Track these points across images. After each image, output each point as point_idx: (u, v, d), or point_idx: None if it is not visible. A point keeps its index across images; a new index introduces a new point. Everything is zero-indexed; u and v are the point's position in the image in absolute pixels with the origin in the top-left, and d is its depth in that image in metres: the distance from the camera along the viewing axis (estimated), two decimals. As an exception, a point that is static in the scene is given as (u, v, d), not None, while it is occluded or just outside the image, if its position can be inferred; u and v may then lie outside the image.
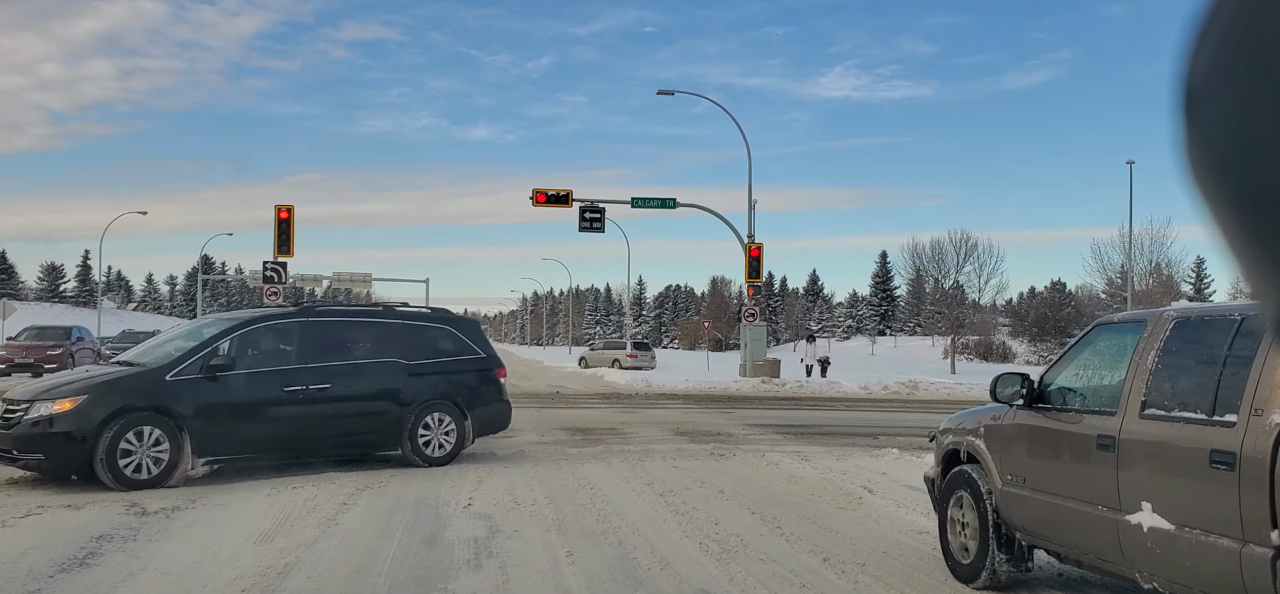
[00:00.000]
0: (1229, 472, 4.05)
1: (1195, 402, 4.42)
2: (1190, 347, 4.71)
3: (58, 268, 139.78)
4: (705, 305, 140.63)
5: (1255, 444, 3.95)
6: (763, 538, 7.23)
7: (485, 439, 13.61)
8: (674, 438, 14.26)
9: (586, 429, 15.30)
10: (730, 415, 18.70)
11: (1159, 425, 4.55)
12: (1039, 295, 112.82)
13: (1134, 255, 49.55)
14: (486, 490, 9.18)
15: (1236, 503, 3.99)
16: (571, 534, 7.27)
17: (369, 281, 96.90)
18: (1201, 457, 4.21)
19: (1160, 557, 4.43)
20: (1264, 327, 0.60)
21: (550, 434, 14.47)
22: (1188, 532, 4.25)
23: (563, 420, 16.86)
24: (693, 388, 27.74)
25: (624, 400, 23.01)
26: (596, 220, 32.13)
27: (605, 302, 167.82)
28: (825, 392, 27.45)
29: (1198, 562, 4.20)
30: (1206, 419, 4.28)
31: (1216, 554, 4.08)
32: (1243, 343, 4.29)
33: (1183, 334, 4.77)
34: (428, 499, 8.75)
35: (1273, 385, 4.02)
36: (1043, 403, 5.53)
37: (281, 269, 31.44)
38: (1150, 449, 4.57)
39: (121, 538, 6.92)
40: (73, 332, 29.89)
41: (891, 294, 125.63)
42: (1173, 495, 4.40)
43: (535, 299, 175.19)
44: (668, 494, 9.06)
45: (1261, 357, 4.13)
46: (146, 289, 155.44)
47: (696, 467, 11.05)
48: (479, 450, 12.41)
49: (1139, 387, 4.75)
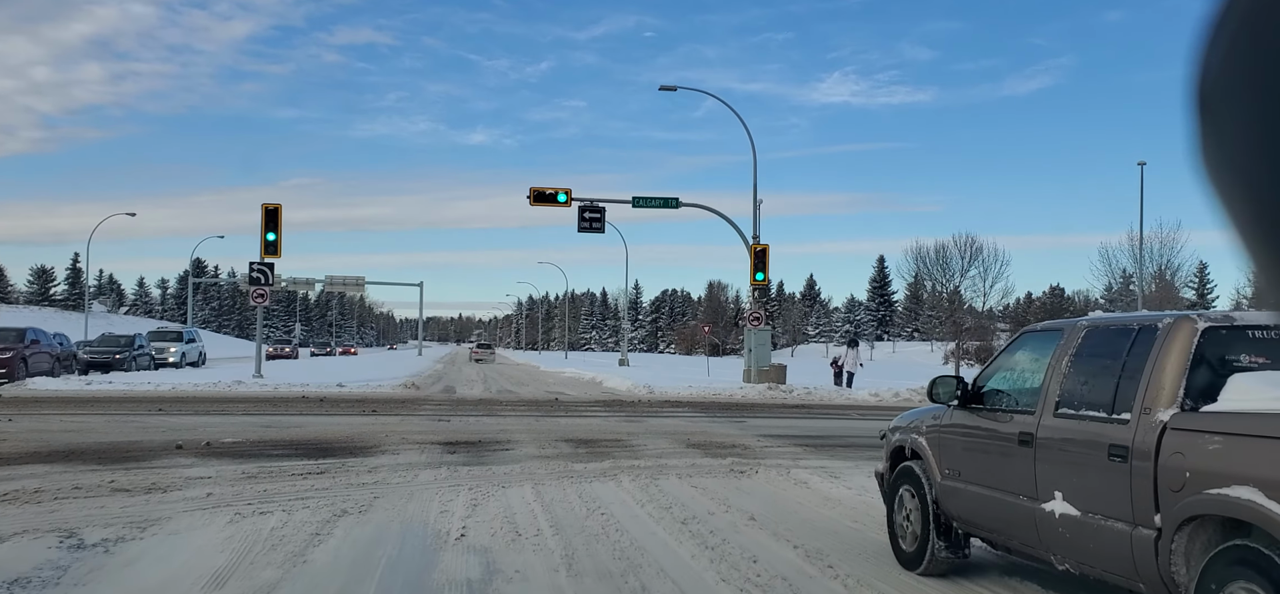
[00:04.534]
0: (1123, 464, 4.46)
1: (1099, 402, 4.80)
2: (1097, 353, 5.06)
3: (48, 271, 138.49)
4: (702, 310, 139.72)
5: (1144, 439, 4.37)
6: (814, 582, 6.06)
7: (481, 453, 12.42)
8: (686, 450, 13.08)
9: (590, 440, 14.12)
10: (741, 425, 17.53)
11: (1069, 423, 4.95)
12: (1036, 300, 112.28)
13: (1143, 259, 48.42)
14: (482, 517, 8.00)
15: (1129, 491, 4.41)
16: (584, 576, 6.09)
17: (362, 285, 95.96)
18: (1102, 451, 4.61)
19: (1069, 540, 4.84)
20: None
21: (551, 446, 13.29)
22: (1091, 517, 4.67)
23: (564, 430, 15.68)
24: (696, 394, 26.57)
25: (626, 408, 21.83)
26: (596, 220, 30.95)
27: (601, 306, 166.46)
28: (835, 399, 26.28)
29: (1099, 544, 4.63)
30: (1107, 417, 4.68)
31: (1113, 537, 4.50)
32: (1139, 349, 4.68)
33: (1092, 342, 5.16)
34: (414, 528, 7.57)
35: (1160, 387, 4.43)
36: (976, 403, 5.98)
37: (268, 270, 30.19)
38: (1062, 444, 4.98)
39: (41, 583, 5.72)
40: (27, 333, 28.64)
41: (889, 299, 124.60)
42: (1079, 485, 4.79)
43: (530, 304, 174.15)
44: (691, 521, 7.89)
45: (1152, 361, 4.53)
46: (138, 292, 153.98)
47: (717, 485, 9.88)
48: (473, 464, 11.23)
49: (1054, 388, 5.17)
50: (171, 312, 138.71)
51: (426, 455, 12.05)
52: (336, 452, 12.26)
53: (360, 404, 20.95)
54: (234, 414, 17.89)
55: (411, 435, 14.32)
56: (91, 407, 18.72)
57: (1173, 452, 4.24)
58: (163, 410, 18.16)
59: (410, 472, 10.53)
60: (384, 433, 14.57)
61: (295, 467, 10.77)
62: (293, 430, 14.82)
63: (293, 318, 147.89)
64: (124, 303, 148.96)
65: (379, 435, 14.17)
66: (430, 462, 11.43)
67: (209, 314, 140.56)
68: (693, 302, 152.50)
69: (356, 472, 10.46)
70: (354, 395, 23.74)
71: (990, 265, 61.82)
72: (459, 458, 11.86)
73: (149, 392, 23.19)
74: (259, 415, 17.65)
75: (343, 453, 12.14)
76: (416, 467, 10.95)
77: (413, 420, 17.18)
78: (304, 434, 14.27)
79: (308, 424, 15.89)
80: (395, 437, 14.09)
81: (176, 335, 42.25)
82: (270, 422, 16.30)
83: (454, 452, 12.46)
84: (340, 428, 15.27)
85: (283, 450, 12.36)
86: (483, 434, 14.84)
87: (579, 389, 30.85)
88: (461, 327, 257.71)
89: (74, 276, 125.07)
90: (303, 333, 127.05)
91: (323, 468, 10.73)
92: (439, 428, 15.72)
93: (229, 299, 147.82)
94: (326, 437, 13.98)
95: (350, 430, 14.87)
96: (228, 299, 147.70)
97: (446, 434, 14.68)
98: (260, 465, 10.83)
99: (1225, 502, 3.90)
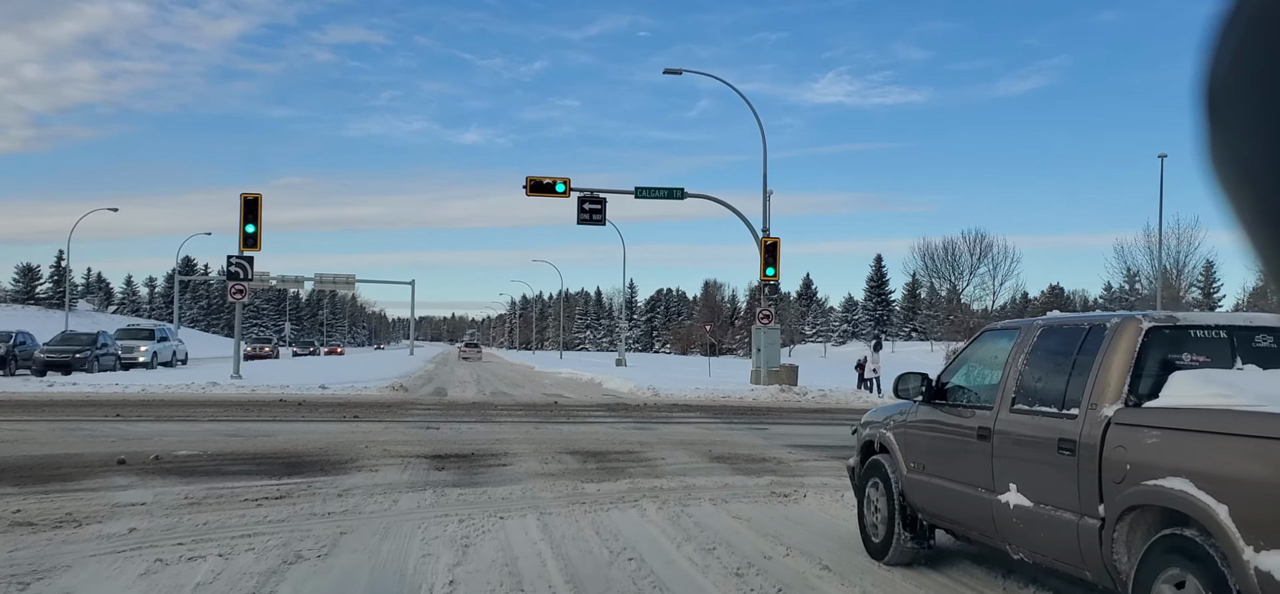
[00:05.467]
0: (1071, 457, 4.65)
1: (1051, 398, 5.00)
2: (1051, 351, 5.22)
3: (34, 269, 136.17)
4: (698, 309, 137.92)
5: (1090, 433, 4.57)
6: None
7: (474, 469, 10.67)
8: (711, 466, 11.34)
9: (599, 453, 12.37)
10: (764, 433, 15.78)
11: (1023, 418, 5.16)
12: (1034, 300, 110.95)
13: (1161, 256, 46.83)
14: (475, 562, 6.25)
15: (1076, 483, 4.60)
16: (619, 666, 4.34)
17: (352, 283, 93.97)
18: (1052, 444, 4.81)
19: (1022, 530, 5.06)
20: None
21: (555, 460, 11.53)
22: (1042, 508, 4.88)
23: (567, 440, 13.92)
24: (705, 397, 24.82)
25: (633, 412, 20.05)
26: (596, 211, 29.16)
27: (595, 305, 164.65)
28: (853, 403, 24.54)
29: (1049, 533, 4.83)
30: (1057, 413, 4.88)
31: (1062, 526, 4.70)
32: (1088, 348, 4.88)
33: (1046, 340, 5.32)
34: (387, 579, 5.81)
35: (1106, 384, 4.62)
36: (939, 399, 6.14)
37: (247, 264, 28.30)
38: (1016, 438, 5.17)
39: None
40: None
41: (887, 299, 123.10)
42: (1032, 477, 5.00)
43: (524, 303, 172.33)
44: (746, 571, 6.13)
45: (1099, 359, 4.73)
46: (125, 291, 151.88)
47: (762, 515, 8.14)
48: (465, 485, 9.47)
49: (1011, 385, 5.36)
50: (160, 310, 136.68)
51: (410, 473, 10.29)
52: (305, 468, 10.49)
53: (342, 408, 19.15)
54: (200, 420, 16.09)
55: (394, 446, 12.56)
56: (40, 411, 16.89)
57: (1115, 445, 4.38)
58: (120, 416, 16.35)
59: (389, 495, 8.78)
60: (363, 443, 12.80)
61: (252, 488, 9.00)
62: (260, 441, 13.03)
63: (283, 317, 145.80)
64: (112, 302, 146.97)
65: (357, 447, 12.39)
66: (414, 481, 9.66)
67: (197, 313, 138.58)
68: (688, 301, 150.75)
69: (324, 495, 8.70)
70: (336, 399, 21.94)
71: (999, 262, 60.17)
72: (448, 476, 10.11)
73: (113, 394, 21.36)
74: (227, 422, 15.86)
75: (312, 470, 10.37)
76: (397, 489, 9.19)
77: (397, 428, 15.40)
78: (272, 446, 12.49)
79: (278, 433, 14.10)
80: (376, 448, 12.32)
81: (148, 333, 39.71)
82: (237, 430, 14.51)
83: (442, 468, 10.70)
84: (314, 438, 13.49)
85: (243, 466, 10.59)
86: (476, 445, 13.07)
87: (578, 391, 29.09)
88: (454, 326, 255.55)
89: (60, 275, 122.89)
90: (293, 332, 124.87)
91: (284, 490, 8.96)
92: (426, 437, 13.95)
93: (218, 298, 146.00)
94: (297, 449, 12.20)
95: (325, 440, 13.09)
96: (217, 298, 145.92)
97: (435, 445, 12.91)
98: (210, 487, 9.06)
99: (1161, 492, 4.04)
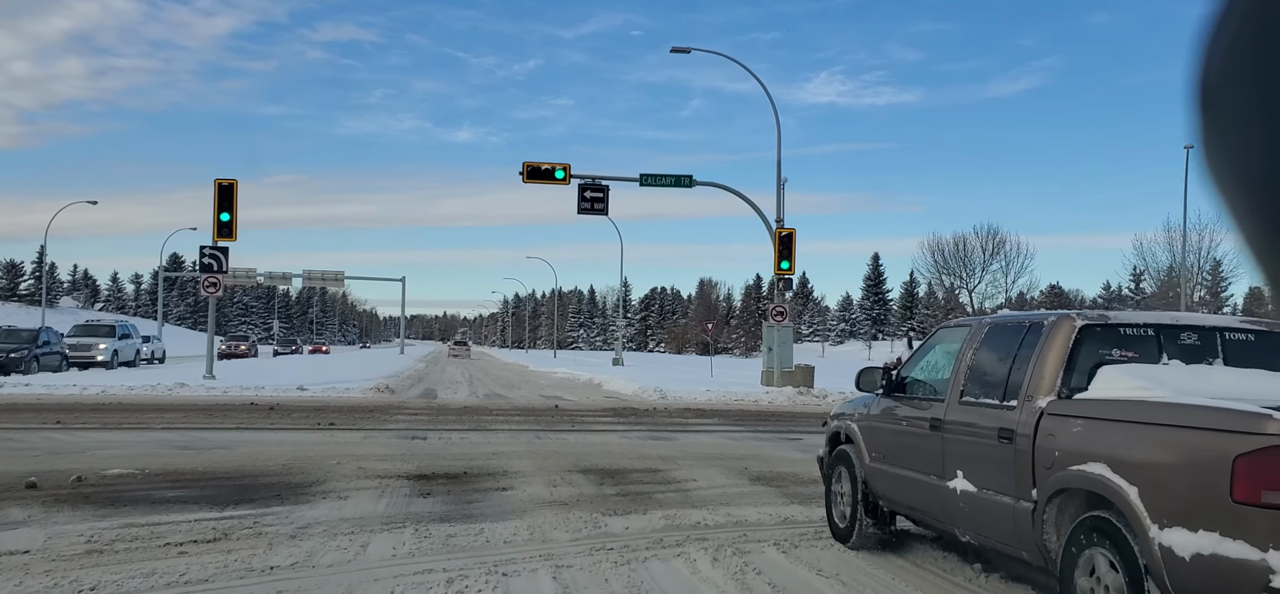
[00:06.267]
0: (1010, 445, 4.96)
1: (994, 390, 5.31)
2: (996, 347, 5.55)
3: (17, 266, 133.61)
4: (693, 308, 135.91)
5: (1026, 423, 4.88)
6: None
7: (467, 494, 8.68)
8: (755, 490, 9.36)
9: (617, 471, 10.39)
10: (799, 444, 13.80)
11: (970, 410, 5.49)
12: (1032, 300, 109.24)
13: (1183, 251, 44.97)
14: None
15: (1013, 469, 4.92)
16: None
17: (341, 280, 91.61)
18: (994, 434, 5.13)
19: (968, 514, 5.38)
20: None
21: (564, 481, 9.55)
22: (985, 493, 5.19)
23: (576, 453, 11.93)
24: (717, 400, 22.85)
25: (643, 418, 18.04)
26: (598, 200, 27.12)
27: (589, 304, 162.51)
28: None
29: (991, 516, 5.15)
30: (998, 404, 5.20)
31: (1001, 510, 5.02)
32: (1028, 344, 5.17)
33: (992, 337, 5.68)
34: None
35: (1041, 378, 4.92)
36: (898, 392, 6.54)
37: (222, 255, 26.20)
38: (964, 428, 5.50)
39: None
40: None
41: (884, 298, 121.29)
42: (976, 465, 5.31)
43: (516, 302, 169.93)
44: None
45: (1036, 354, 5.02)
46: (111, 288, 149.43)
47: (858, 574, 6.16)
48: (456, 518, 7.49)
49: (960, 378, 5.71)
50: (145, 307, 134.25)
51: (387, 500, 8.30)
52: (258, 494, 8.49)
53: (318, 413, 17.11)
54: (153, 428, 14.06)
55: (372, 462, 10.56)
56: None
57: (1047, 434, 4.72)
58: (62, 424, 14.31)
59: (357, 536, 6.78)
60: (336, 458, 10.80)
61: (181, 526, 7.01)
62: (214, 455, 11.01)
63: (272, 315, 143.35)
64: (98, 298, 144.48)
65: (328, 463, 10.40)
66: (391, 514, 7.67)
67: (184, 310, 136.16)
68: (683, 300, 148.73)
69: (272, 537, 6.70)
70: (314, 402, 19.90)
71: (1012, 259, 58.32)
72: (434, 506, 8.11)
73: (66, 398, 19.29)
74: (184, 430, 13.84)
75: (266, 496, 8.36)
76: (368, 525, 7.20)
77: (378, 438, 13.39)
78: (226, 462, 10.47)
79: (239, 445, 12.07)
80: (349, 465, 10.33)
81: (108, 330, 36.14)
82: (192, 441, 12.49)
83: (427, 494, 8.70)
84: (279, 451, 11.47)
85: (182, 491, 8.58)
86: (469, 460, 11.08)
87: (578, 393, 27.07)
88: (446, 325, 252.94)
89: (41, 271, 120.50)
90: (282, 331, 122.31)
91: (223, 528, 6.96)
92: (411, 450, 11.94)
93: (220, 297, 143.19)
94: (255, 466, 10.20)
95: (291, 454, 11.08)
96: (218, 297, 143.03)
97: (420, 460, 10.91)
98: (127, 523, 7.05)
99: (1082, 476, 4.37)
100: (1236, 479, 3.64)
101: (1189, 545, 3.77)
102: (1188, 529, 3.79)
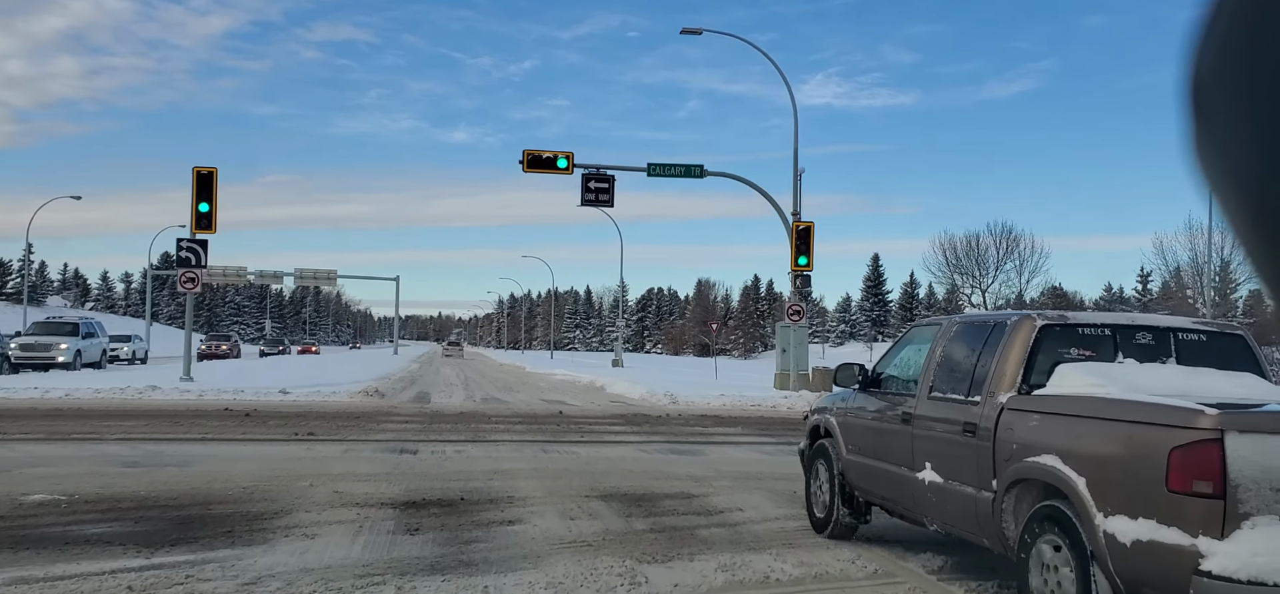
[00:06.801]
0: (973, 438, 5.22)
1: (959, 386, 5.57)
2: (963, 344, 5.78)
3: (4, 264, 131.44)
4: (690, 309, 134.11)
5: (988, 417, 5.13)
6: None
7: (464, 530, 6.97)
8: (815, 522, 7.66)
9: (644, 497, 8.69)
10: (841, 459, 12.10)
11: (938, 404, 5.74)
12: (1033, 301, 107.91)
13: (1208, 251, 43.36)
14: None
15: (975, 461, 5.17)
16: None
17: (334, 278, 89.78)
18: (959, 427, 5.39)
19: (935, 503, 5.62)
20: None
21: (583, 512, 7.85)
22: (950, 484, 5.44)
23: (591, 471, 10.25)
24: (734, 407, 21.15)
25: (659, 428, 16.33)
26: (603, 191, 25.38)
27: (585, 304, 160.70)
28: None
29: (955, 506, 5.40)
30: (963, 399, 5.46)
31: (964, 499, 5.28)
32: (992, 342, 5.42)
33: (960, 335, 5.89)
34: None
35: (1003, 374, 5.16)
36: (873, 387, 6.79)
37: (201, 249, 24.41)
38: (932, 422, 5.74)
39: None
40: None
41: (884, 299, 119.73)
42: (943, 457, 5.57)
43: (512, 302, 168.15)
44: None
45: (999, 352, 5.27)
46: (101, 286, 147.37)
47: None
48: (450, 566, 5.80)
49: (929, 374, 5.93)
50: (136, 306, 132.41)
51: (364, 539, 6.60)
52: (203, 529, 6.79)
53: (298, 421, 15.39)
54: (105, 439, 12.34)
55: (351, 484, 8.87)
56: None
57: (1006, 428, 4.95)
58: (3, 434, 12.58)
59: (320, 590, 5.09)
60: (309, 479, 9.10)
61: (90, 578, 5.33)
62: (164, 475, 9.30)
63: (264, 314, 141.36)
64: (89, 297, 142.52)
65: (298, 486, 8.70)
66: (368, 561, 5.97)
67: (175, 309, 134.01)
68: (680, 301, 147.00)
69: None
70: (295, 407, 18.17)
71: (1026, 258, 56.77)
72: (424, 547, 6.42)
73: (17, 402, 17.53)
74: (140, 442, 12.12)
75: (212, 533, 6.66)
76: (337, 577, 5.51)
77: (362, 450, 11.69)
78: (175, 484, 8.76)
79: (197, 462, 10.37)
80: (324, 488, 8.63)
81: (70, 328, 32.38)
82: (144, 456, 10.78)
83: (416, 530, 6.99)
84: (243, 469, 9.77)
85: (108, 526, 6.88)
86: (467, 480, 9.39)
87: (581, 397, 25.34)
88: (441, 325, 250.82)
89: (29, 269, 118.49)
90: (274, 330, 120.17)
91: (143, 583, 5.28)
92: (398, 468, 10.25)
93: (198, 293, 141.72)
94: (209, 489, 8.50)
95: (255, 475, 9.38)
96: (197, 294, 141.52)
97: (409, 482, 9.22)
98: (18, 577, 5.36)
99: (1036, 467, 4.61)
100: (1171, 470, 3.88)
101: (1130, 532, 3.99)
102: (1129, 517, 4.01)
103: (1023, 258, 57.62)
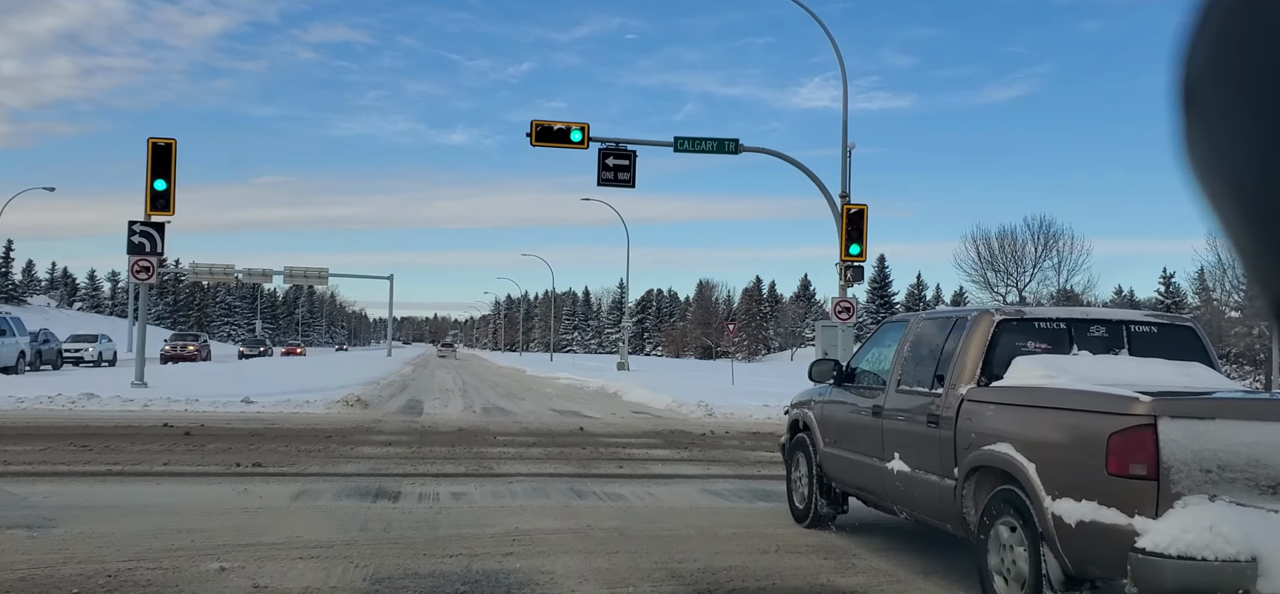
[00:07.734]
0: (937, 429, 5.43)
1: (924, 379, 5.77)
2: (929, 340, 5.98)
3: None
4: (692, 310, 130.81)
5: (949, 408, 5.33)
6: None
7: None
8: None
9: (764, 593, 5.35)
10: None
11: (905, 397, 5.95)
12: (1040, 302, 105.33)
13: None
14: None
15: (939, 450, 5.39)
16: None
17: (325, 277, 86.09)
18: (923, 419, 5.60)
19: (903, 491, 5.86)
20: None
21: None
22: (917, 472, 5.66)
23: (656, 536, 6.89)
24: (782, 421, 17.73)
25: (711, 451, 12.90)
26: (623, 169, 21.96)
27: (583, 306, 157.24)
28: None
29: (921, 493, 5.62)
30: (928, 392, 5.65)
31: (929, 486, 5.49)
32: (954, 337, 5.60)
33: (926, 330, 6.12)
34: None
35: (963, 367, 5.35)
36: (848, 382, 6.99)
37: (156, 233, 20.93)
38: (900, 414, 5.96)
39: None
40: None
41: (890, 301, 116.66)
42: (910, 447, 5.78)
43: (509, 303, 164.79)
44: None
45: (960, 346, 5.46)
46: (88, 286, 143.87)
47: None
48: None
49: (898, 369, 6.15)
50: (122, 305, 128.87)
51: None
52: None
53: (251, 442, 11.97)
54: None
55: (284, 567, 5.48)
56: None
57: (966, 418, 5.16)
58: None
59: None
60: (222, 553, 5.71)
61: None
62: (10, 543, 5.90)
63: (255, 314, 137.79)
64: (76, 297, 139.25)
65: (201, 566, 5.33)
66: None
67: (163, 309, 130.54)
68: (681, 302, 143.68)
69: None
70: (255, 421, 14.74)
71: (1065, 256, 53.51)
72: None
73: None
74: (14, 479, 8.72)
75: None
76: None
77: (322, 494, 8.29)
78: (5, 563, 5.37)
79: (69, 514, 6.95)
80: (240, 574, 5.25)
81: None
82: (10, 502, 7.38)
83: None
84: (130, 532, 6.36)
85: None
86: (471, 555, 6.00)
87: (596, 405, 21.91)
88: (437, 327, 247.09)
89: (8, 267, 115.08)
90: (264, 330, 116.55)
91: None
92: (367, 526, 6.86)
93: (187, 294, 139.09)
94: (55, 574, 5.12)
95: (142, 543, 5.97)
96: (186, 293, 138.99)
97: (379, 560, 5.83)
98: None
99: (992, 455, 4.80)
100: (1110, 454, 4.11)
101: (1075, 513, 4.22)
102: (1074, 499, 4.24)
103: (1062, 256, 54.11)
